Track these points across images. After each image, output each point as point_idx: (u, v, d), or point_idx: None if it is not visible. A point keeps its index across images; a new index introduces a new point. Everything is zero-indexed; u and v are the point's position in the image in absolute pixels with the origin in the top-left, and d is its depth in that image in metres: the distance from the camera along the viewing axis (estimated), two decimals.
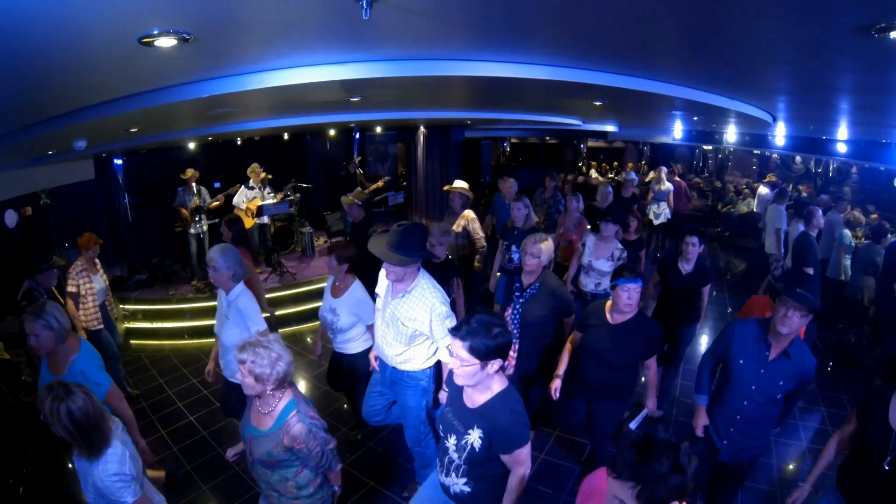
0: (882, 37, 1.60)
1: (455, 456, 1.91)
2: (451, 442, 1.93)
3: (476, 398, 1.88)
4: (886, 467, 1.91)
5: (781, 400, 2.33)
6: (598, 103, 5.20)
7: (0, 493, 2.94)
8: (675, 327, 3.87)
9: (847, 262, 5.90)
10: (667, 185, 8.05)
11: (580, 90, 3.63)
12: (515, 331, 3.15)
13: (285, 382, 1.99)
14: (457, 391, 1.95)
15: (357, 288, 3.31)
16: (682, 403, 4.21)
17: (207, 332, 5.86)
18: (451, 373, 1.89)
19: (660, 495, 1.18)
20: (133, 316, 6.04)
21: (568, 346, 3.03)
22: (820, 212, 5.28)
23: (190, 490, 3.34)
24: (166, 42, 1.68)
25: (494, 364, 1.78)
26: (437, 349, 2.75)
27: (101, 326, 4.24)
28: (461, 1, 1.64)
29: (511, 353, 3.14)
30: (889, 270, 4.85)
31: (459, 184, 5.30)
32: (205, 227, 6.56)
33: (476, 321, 1.76)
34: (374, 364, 3.01)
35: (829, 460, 2.23)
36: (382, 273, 2.81)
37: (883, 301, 4.90)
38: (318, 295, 6.56)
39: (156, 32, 1.60)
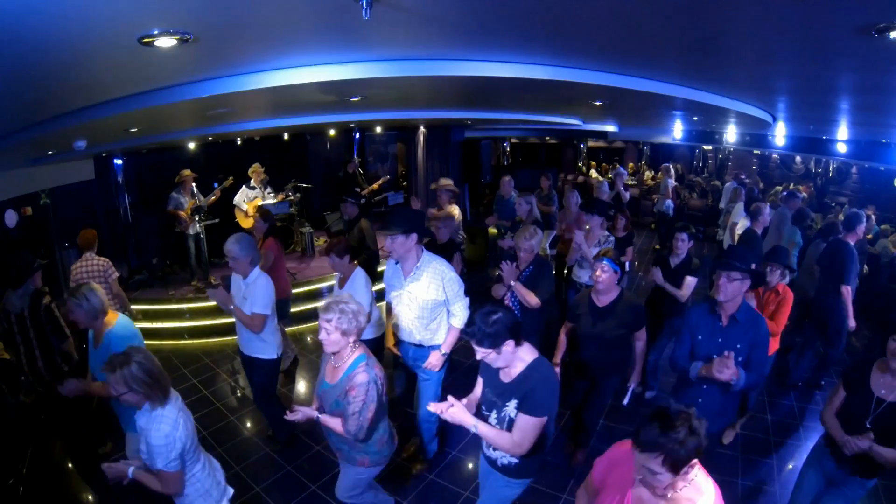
0: (882, 37, 1.60)
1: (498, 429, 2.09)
2: (493, 417, 2.11)
3: (511, 372, 2.06)
4: (868, 426, 2.19)
5: (742, 364, 2.46)
6: (598, 103, 5.20)
7: (0, 493, 2.94)
8: (661, 319, 4.10)
9: (794, 259, 5.34)
10: (667, 181, 8.70)
11: (580, 90, 3.64)
12: (516, 312, 3.42)
13: (362, 333, 2.25)
14: (493, 371, 2.12)
15: (357, 276, 3.50)
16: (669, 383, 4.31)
17: (207, 332, 5.89)
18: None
19: (682, 458, 1.37)
20: (133, 316, 6.03)
21: (562, 336, 3.32)
22: (767, 209, 5.12)
23: None
24: (166, 42, 1.68)
25: (508, 344, 1.95)
26: (452, 318, 3.03)
27: None
28: (461, 1, 1.64)
29: None
30: (833, 268, 4.24)
31: (445, 181, 5.65)
32: (198, 227, 6.47)
33: (477, 317, 1.95)
34: (394, 350, 3.29)
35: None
36: (387, 270, 3.14)
37: (825, 302, 4.30)
38: (317, 295, 6.57)
39: (156, 32, 1.60)
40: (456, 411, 2.01)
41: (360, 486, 2.55)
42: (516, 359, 2.03)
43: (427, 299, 2.93)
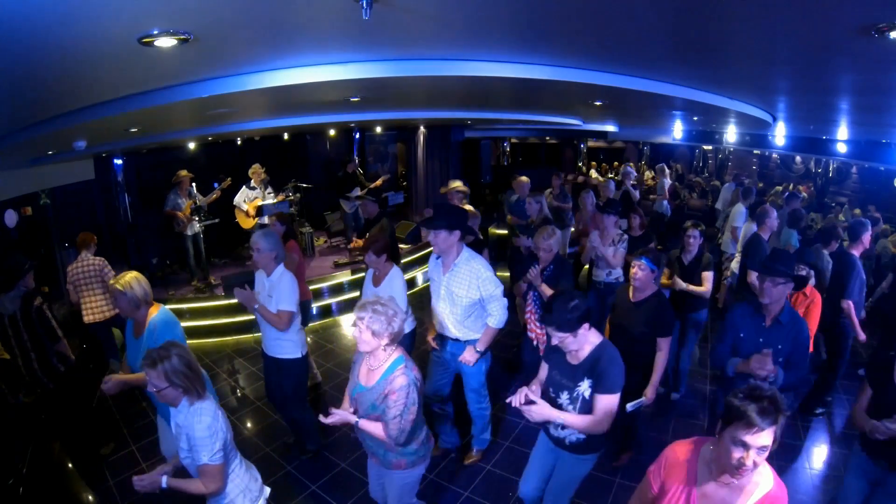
0: (882, 37, 1.60)
1: (570, 409, 2.20)
2: (564, 398, 2.22)
3: (580, 355, 2.21)
4: None
5: (783, 365, 2.53)
6: (598, 103, 5.20)
7: (0, 493, 2.94)
8: (682, 314, 4.15)
9: None
10: (663, 181, 8.69)
11: (580, 90, 3.64)
12: (538, 312, 3.57)
13: (397, 339, 2.20)
14: (560, 355, 2.26)
15: (394, 275, 3.48)
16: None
17: (207, 332, 5.90)
18: (547, 344, 2.28)
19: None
20: None
21: (609, 328, 3.38)
22: (774, 213, 4.71)
23: None
24: (166, 42, 1.68)
25: (584, 328, 2.12)
26: (489, 318, 3.07)
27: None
28: (462, 1, 1.64)
29: (539, 329, 3.56)
30: (837, 282, 3.94)
31: (454, 183, 5.68)
32: (196, 227, 6.47)
33: (556, 305, 2.09)
34: (433, 343, 3.35)
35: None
36: (430, 264, 3.27)
37: (828, 316, 3.80)
38: (317, 295, 6.56)
39: (156, 32, 1.60)
40: (539, 409, 2.10)
41: (408, 494, 2.48)
42: (586, 341, 2.18)
43: (461, 296, 3.00)
